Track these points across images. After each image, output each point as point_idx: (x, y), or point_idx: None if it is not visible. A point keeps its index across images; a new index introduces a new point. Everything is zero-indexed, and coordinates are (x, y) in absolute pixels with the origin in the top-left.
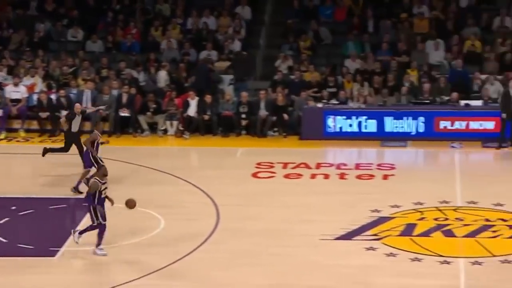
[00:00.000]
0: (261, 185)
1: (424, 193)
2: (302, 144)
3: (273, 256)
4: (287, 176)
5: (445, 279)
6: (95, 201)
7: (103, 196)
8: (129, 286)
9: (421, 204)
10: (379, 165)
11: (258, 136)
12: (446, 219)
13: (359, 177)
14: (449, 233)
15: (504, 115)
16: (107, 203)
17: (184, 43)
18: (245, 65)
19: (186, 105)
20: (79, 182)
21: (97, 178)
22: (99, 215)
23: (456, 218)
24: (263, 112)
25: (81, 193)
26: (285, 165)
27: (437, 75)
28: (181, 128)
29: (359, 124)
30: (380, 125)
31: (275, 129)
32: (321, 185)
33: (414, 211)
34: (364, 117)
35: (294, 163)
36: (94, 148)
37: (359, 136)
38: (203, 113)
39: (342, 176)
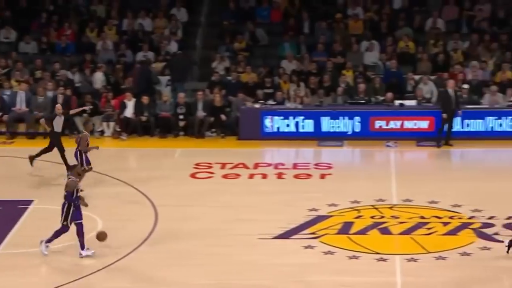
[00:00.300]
0: (200, 186)
1: (360, 191)
2: (240, 144)
3: (212, 256)
4: (225, 176)
5: (382, 276)
6: (74, 199)
7: (78, 195)
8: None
9: (357, 202)
10: (316, 164)
11: (196, 137)
12: (382, 217)
13: (296, 176)
14: (385, 231)
15: (445, 115)
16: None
17: (120, 45)
18: (182, 66)
19: (123, 106)
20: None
21: (73, 177)
22: (69, 216)
23: (392, 216)
24: (200, 113)
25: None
26: (223, 166)
27: (372, 76)
28: (118, 130)
29: (296, 124)
30: (317, 125)
31: (213, 129)
32: (259, 185)
33: (351, 209)
34: (301, 117)
35: (232, 163)
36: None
37: (297, 136)
38: (141, 114)
39: (279, 176)
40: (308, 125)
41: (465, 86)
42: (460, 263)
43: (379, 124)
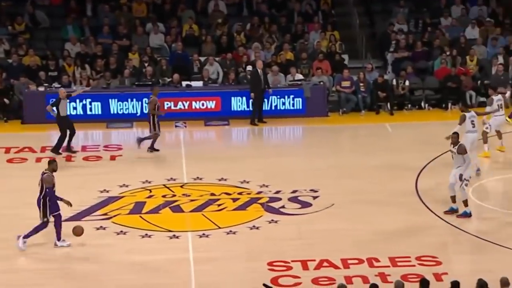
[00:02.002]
0: None
1: (151, 171)
2: (24, 128)
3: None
4: (10, 160)
5: (175, 253)
6: (53, 194)
7: (54, 189)
8: None
9: (149, 182)
10: (106, 146)
11: None
12: (174, 195)
13: (86, 159)
14: (177, 209)
15: (252, 95)
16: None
17: None
18: None
19: None
20: (153, 142)
21: (49, 171)
22: (48, 211)
23: (183, 194)
24: None
25: (157, 150)
26: (7, 150)
27: (158, 58)
28: None
29: (84, 107)
30: (105, 107)
31: None
32: None
33: (142, 189)
34: (89, 100)
35: (18, 147)
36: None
37: (85, 119)
38: None
39: (68, 159)
40: (95, 108)
41: (249, 67)
42: (250, 237)
43: (168, 105)
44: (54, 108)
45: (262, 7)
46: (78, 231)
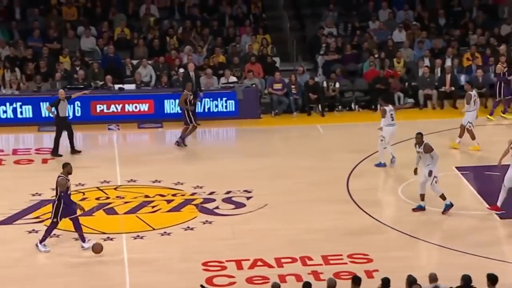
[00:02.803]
0: None
1: (85, 174)
2: None
3: None
4: None
5: (109, 255)
6: (67, 197)
7: (69, 192)
8: None
9: (82, 185)
10: (37, 149)
11: None
12: (108, 198)
13: (17, 162)
14: (111, 211)
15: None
16: None
17: None
18: None
19: None
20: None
21: (63, 175)
22: (59, 213)
23: (117, 196)
24: None
25: (186, 145)
26: None
27: (90, 61)
28: None
29: (14, 110)
30: (37, 110)
31: None
32: None
33: (75, 192)
34: (19, 103)
35: None
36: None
37: (15, 122)
38: None
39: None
40: (26, 111)
41: (181, 70)
42: (184, 238)
43: (100, 108)
44: (53, 109)
45: (193, 10)
46: (97, 249)
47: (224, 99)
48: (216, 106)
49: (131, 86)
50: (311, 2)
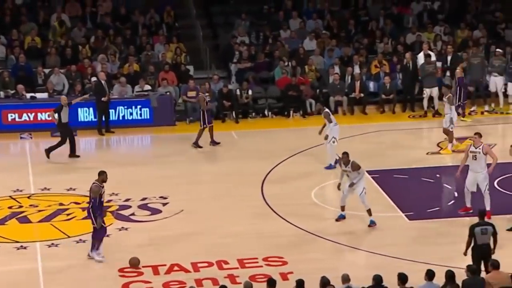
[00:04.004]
0: None
1: None
2: None
3: None
4: None
5: (23, 264)
6: (96, 205)
7: (102, 199)
8: None
9: None
10: None
11: None
12: (21, 206)
13: None
14: (25, 220)
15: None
16: None
17: None
18: None
19: None
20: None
21: (97, 182)
22: (99, 219)
23: (31, 205)
24: None
25: (201, 147)
26: None
27: (0, 70)
28: None
29: None
30: None
31: None
32: None
33: None
34: None
35: None
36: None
37: None
38: None
39: None
40: None
41: (93, 78)
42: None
43: (12, 117)
44: (56, 115)
45: (106, 19)
46: (135, 262)
47: (138, 107)
48: (131, 114)
49: (43, 95)
50: (223, 11)
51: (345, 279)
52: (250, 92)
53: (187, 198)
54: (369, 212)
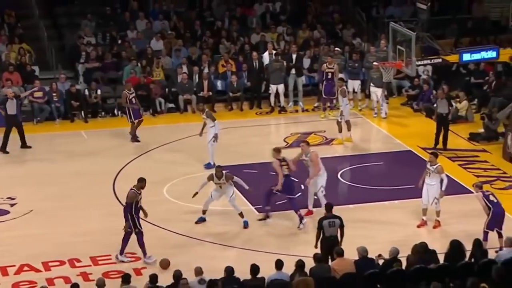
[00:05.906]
0: None
1: None
2: None
3: None
4: None
5: None
6: (133, 210)
7: (139, 205)
8: None
9: None
10: None
11: None
12: None
13: None
14: None
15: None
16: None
17: None
18: None
19: None
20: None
21: (135, 189)
22: (137, 223)
23: None
24: None
25: (139, 141)
26: None
27: None
28: None
29: None
30: None
31: None
32: None
33: None
34: None
35: None
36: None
37: None
38: None
39: None
40: None
41: None
42: None
43: None
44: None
45: None
46: (165, 263)
47: None
48: None
49: None
50: (67, 12)
51: (198, 272)
52: (99, 92)
53: (37, 198)
54: (241, 215)
